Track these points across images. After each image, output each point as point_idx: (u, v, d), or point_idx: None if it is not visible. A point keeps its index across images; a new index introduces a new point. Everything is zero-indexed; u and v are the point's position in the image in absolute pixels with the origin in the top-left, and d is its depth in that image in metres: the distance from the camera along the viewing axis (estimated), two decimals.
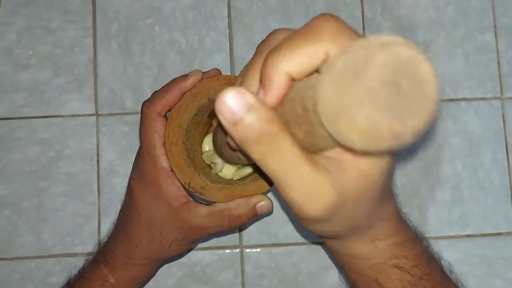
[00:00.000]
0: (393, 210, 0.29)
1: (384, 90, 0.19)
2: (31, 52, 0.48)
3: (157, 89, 0.37)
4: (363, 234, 0.28)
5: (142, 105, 0.37)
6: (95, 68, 0.48)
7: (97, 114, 0.48)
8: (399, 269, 0.29)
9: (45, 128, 0.47)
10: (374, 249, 0.29)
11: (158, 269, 0.43)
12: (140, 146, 0.37)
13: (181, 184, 0.36)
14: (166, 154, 0.36)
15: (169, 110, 0.36)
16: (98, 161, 0.47)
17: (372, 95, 0.19)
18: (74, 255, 0.46)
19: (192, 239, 0.39)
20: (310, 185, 0.22)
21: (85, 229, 0.46)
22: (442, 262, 0.34)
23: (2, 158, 0.47)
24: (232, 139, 0.22)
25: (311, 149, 0.23)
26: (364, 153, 0.23)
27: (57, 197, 0.47)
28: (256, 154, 0.22)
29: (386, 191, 0.26)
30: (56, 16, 0.48)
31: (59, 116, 0.48)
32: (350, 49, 0.19)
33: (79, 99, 0.48)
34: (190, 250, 0.45)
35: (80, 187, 0.47)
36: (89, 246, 0.45)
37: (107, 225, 0.45)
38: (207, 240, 0.46)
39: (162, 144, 0.36)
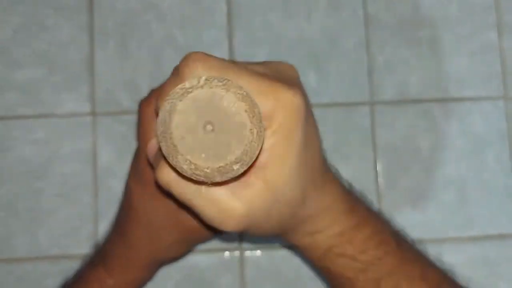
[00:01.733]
0: (330, 201, 0.31)
1: (192, 134, 0.22)
2: (26, 50, 0.48)
3: (154, 87, 0.37)
4: (297, 230, 0.30)
5: (139, 103, 0.37)
6: (91, 66, 0.48)
7: (93, 113, 0.47)
8: (345, 257, 0.31)
9: (41, 127, 0.47)
10: (317, 240, 0.31)
11: (157, 271, 0.43)
12: (137, 145, 0.37)
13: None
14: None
15: None
16: (94, 161, 0.47)
17: (182, 142, 0.22)
18: (71, 257, 0.46)
19: (191, 241, 0.39)
20: (217, 206, 0.26)
21: (81, 231, 0.46)
22: (410, 242, 0.35)
23: None
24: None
25: None
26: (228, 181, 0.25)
27: (53, 198, 0.46)
28: (164, 188, 0.27)
29: (307, 190, 0.28)
30: (51, 13, 0.48)
31: (54, 115, 0.47)
32: (162, 104, 0.22)
33: (75, 98, 0.47)
34: (188, 252, 0.45)
35: (77, 188, 0.47)
36: (86, 247, 0.45)
37: (104, 226, 0.45)
38: (206, 242, 0.46)
39: (159, 144, 0.36)
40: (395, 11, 0.49)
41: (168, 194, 0.30)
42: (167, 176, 0.26)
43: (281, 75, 0.27)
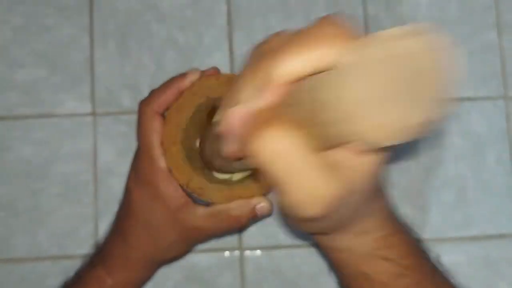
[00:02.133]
0: (383, 204, 0.29)
1: (402, 84, 0.19)
2: (27, 51, 0.48)
3: (155, 88, 0.37)
4: (352, 227, 0.29)
5: (140, 103, 0.37)
6: (92, 66, 0.48)
7: (94, 113, 0.47)
8: (387, 261, 0.30)
9: (41, 127, 0.47)
10: (363, 241, 0.29)
11: (156, 271, 0.43)
12: (138, 145, 0.37)
13: (179, 184, 0.36)
14: (164, 153, 0.35)
15: (167, 109, 0.36)
16: (95, 161, 0.47)
17: (393, 90, 0.19)
18: (71, 257, 0.46)
19: (190, 241, 0.39)
20: (312, 186, 0.22)
21: (81, 231, 0.46)
22: (433, 258, 0.34)
23: None
24: (232, 150, 0.23)
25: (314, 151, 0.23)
26: (367, 151, 0.22)
27: (53, 198, 0.46)
28: (261, 160, 0.22)
29: (376, 187, 0.27)
30: (52, 13, 0.48)
31: (55, 115, 0.47)
32: (364, 46, 0.19)
33: (75, 98, 0.47)
34: (188, 252, 0.45)
35: (77, 188, 0.47)
36: (86, 247, 0.45)
37: (104, 226, 0.45)
38: (206, 242, 0.46)
39: (160, 144, 0.36)
40: (395, 11, 0.49)
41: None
42: (275, 145, 0.21)
43: None
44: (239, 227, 0.38)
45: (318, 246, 0.45)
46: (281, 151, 0.21)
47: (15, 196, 0.46)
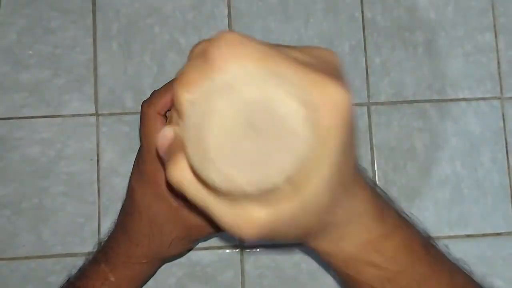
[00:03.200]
0: (360, 209, 0.27)
1: (231, 145, 0.17)
2: (31, 52, 0.48)
3: (156, 89, 0.37)
4: (323, 237, 0.27)
5: (142, 104, 0.37)
6: (95, 68, 0.48)
7: (97, 114, 0.48)
8: (374, 266, 0.29)
9: (46, 128, 0.47)
10: (344, 248, 0.28)
11: (158, 268, 0.43)
12: (140, 145, 0.37)
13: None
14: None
15: (169, 110, 0.36)
16: (98, 161, 0.47)
17: (219, 150, 0.17)
18: (74, 255, 0.46)
19: (192, 238, 0.39)
20: (236, 213, 0.22)
21: (85, 229, 0.46)
22: (439, 250, 0.32)
23: (2, 158, 0.47)
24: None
25: None
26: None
27: (57, 197, 0.47)
28: (176, 188, 0.22)
29: (339, 197, 0.25)
30: (56, 16, 0.48)
31: (59, 116, 0.48)
32: (194, 98, 0.17)
33: (79, 99, 0.48)
34: (190, 249, 0.45)
35: (80, 187, 0.47)
36: (89, 246, 0.45)
37: (107, 224, 0.45)
38: (208, 239, 0.46)
39: None
40: (392, 14, 0.50)
41: (176, 193, 0.25)
42: (181, 174, 0.21)
43: (324, 64, 0.22)
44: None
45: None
46: (186, 181, 0.21)
47: (20, 194, 0.46)
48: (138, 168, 0.38)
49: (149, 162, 0.36)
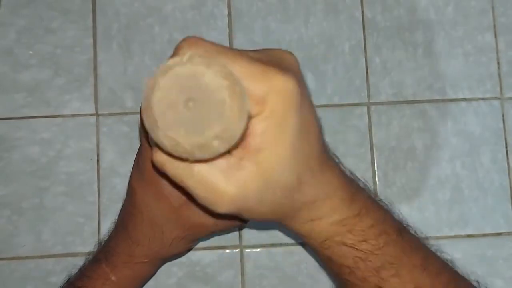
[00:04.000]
0: (330, 189, 0.30)
1: (172, 110, 0.21)
2: (31, 52, 0.48)
3: None
4: (296, 217, 0.30)
5: (142, 104, 0.37)
6: (95, 68, 0.48)
7: (97, 114, 0.48)
8: (346, 246, 0.30)
9: (45, 128, 0.47)
10: (312, 229, 0.30)
11: (159, 267, 0.43)
12: (140, 145, 0.37)
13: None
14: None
15: None
16: (98, 161, 0.47)
17: (162, 118, 0.21)
18: (75, 254, 0.46)
19: (193, 237, 0.39)
20: (207, 187, 0.25)
21: (85, 229, 0.46)
22: (413, 234, 0.34)
23: (2, 158, 0.47)
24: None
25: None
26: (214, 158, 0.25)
27: (57, 197, 0.47)
28: (160, 169, 0.26)
29: (304, 176, 0.28)
30: (56, 16, 0.48)
31: (59, 116, 0.47)
32: (146, 80, 0.22)
33: (79, 99, 0.48)
34: (191, 248, 0.45)
35: (80, 187, 0.47)
36: (90, 245, 0.45)
37: (108, 224, 0.45)
38: (208, 238, 0.46)
39: None
40: (392, 14, 0.50)
41: (164, 176, 0.30)
42: (160, 156, 0.25)
43: (277, 61, 0.26)
44: (241, 223, 0.39)
45: None
46: (166, 161, 0.25)
47: (20, 195, 0.46)
48: (138, 167, 0.38)
49: (149, 161, 0.36)
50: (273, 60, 0.26)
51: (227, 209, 0.26)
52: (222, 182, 0.25)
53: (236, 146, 0.24)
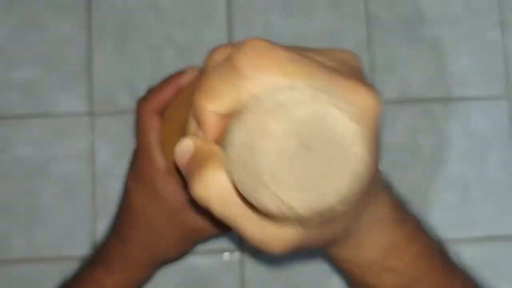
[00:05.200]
0: (382, 214, 0.28)
1: (286, 168, 0.16)
2: (24, 50, 0.48)
3: (152, 86, 0.37)
4: (347, 241, 0.27)
5: (137, 102, 0.37)
6: (89, 65, 0.48)
7: (91, 113, 0.47)
8: (391, 272, 0.29)
9: (38, 127, 0.47)
10: (365, 253, 0.28)
11: (156, 271, 0.42)
12: (136, 145, 0.37)
13: (179, 184, 0.35)
14: (163, 153, 0.35)
15: (165, 108, 0.36)
16: (92, 161, 0.47)
17: (274, 175, 0.17)
18: (68, 258, 0.46)
19: (190, 240, 0.39)
20: (265, 230, 0.21)
21: (79, 231, 0.46)
22: (453, 257, 0.33)
23: None
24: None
25: None
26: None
27: (50, 199, 0.46)
28: (202, 203, 0.21)
29: (364, 203, 0.25)
30: (49, 12, 0.48)
31: (52, 115, 0.47)
32: (243, 119, 0.17)
33: (73, 98, 0.47)
34: (188, 252, 0.45)
35: (75, 188, 0.47)
36: (83, 248, 0.45)
37: (102, 227, 0.45)
38: (206, 241, 0.46)
39: (158, 143, 0.36)
40: (396, 9, 0.49)
41: (198, 206, 0.26)
42: (208, 190, 0.20)
43: (349, 69, 0.22)
44: None
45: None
46: (220, 193, 0.20)
47: (12, 196, 0.46)
48: (133, 168, 0.38)
49: (145, 161, 0.36)
50: (346, 68, 0.22)
51: (284, 249, 0.22)
52: (281, 227, 0.21)
53: None
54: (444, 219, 0.47)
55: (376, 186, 0.26)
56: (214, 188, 0.20)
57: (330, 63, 0.21)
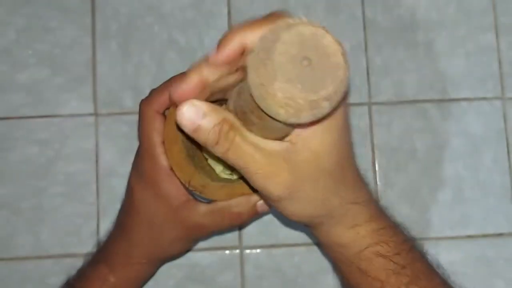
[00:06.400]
0: (367, 196, 0.31)
1: (292, 64, 0.22)
2: (29, 52, 0.48)
3: (155, 88, 0.37)
4: (341, 219, 0.30)
5: (140, 103, 0.37)
6: (94, 67, 0.48)
7: (96, 114, 0.48)
8: (382, 257, 0.31)
9: (44, 128, 0.47)
10: (356, 235, 0.31)
11: (158, 268, 0.43)
12: (139, 145, 0.37)
13: (181, 182, 0.36)
14: (165, 152, 0.35)
15: (168, 108, 0.36)
16: (97, 161, 0.47)
17: (282, 70, 0.22)
18: (73, 255, 0.46)
19: (192, 238, 0.39)
20: (267, 169, 0.26)
21: (84, 230, 0.46)
22: (428, 255, 0.34)
23: (0, 158, 0.47)
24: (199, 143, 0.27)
25: (268, 134, 0.27)
26: (305, 125, 0.26)
27: (55, 197, 0.47)
28: (218, 152, 0.27)
29: (347, 171, 0.29)
30: (55, 15, 0.48)
31: (58, 115, 0.47)
32: (264, 33, 0.23)
33: (78, 99, 0.48)
34: (190, 249, 0.45)
35: (79, 187, 0.47)
36: (88, 246, 0.45)
37: (106, 225, 0.45)
38: (207, 238, 0.46)
39: (161, 143, 0.36)
40: (393, 13, 0.50)
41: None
42: (226, 145, 0.26)
43: None
44: (240, 224, 0.39)
45: (318, 245, 0.46)
46: (232, 144, 0.26)
47: (18, 195, 0.46)
48: (136, 167, 0.38)
49: (148, 161, 0.36)
50: None
51: (281, 191, 0.27)
52: (280, 166, 0.26)
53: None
54: (438, 217, 0.47)
55: (357, 170, 0.30)
56: (235, 132, 0.26)
57: None
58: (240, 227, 0.47)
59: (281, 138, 0.27)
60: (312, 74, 0.22)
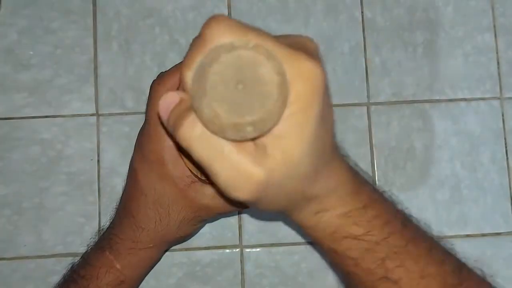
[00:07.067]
0: (337, 182, 0.30)
1: (224, 85, 0.23)
2: (31, 52, 0.48)
3: (164, 70, 0.36)
4: (304, 209, 0.30)
5: (152, 83, 0.36)
6: (95, 68, 0.48)
7: (97, 114, 0.48)
8: (352, 238, 0.30)
9: (46, 128, 0.47)
10: (320, 221, 0.30)
11: (165, 252, 0.42)
12: (144, 126, 0.37)
13: (187, 167, 0.35)
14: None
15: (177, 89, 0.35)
16: (98, 161, 0.47)
17: (213, 89, 0.23)
18: (75, 254, 0.45)
19: (200, 219, 0.38)
20: (236, 170, 0.25)
21: (86, 229, 0.46)
22: (413, 221, 0.34)
23: (3, 158, 0.47)
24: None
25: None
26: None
27: (58, 197, 0.47)
28: (184, 144, 0.25)
29: (319, 166, 0.28)
30: (57, 16, 0.49)
31: (60, 116, 0.48)
32: (211, 49, 0.24)
33: (79, 99, 0.48)
34: (197, 231, 0.44)
35: (81, 187, 0.47)
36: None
37: (108, 224, 0.44)
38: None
39: None
40: (391, 14, 0.50)
41: (184, 154, 0.31)
42: (189, 132, 0.25)
43: (301, 46, 0.26)
44: (247, 205, 0.38)
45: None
46: (199, 137, 0.25)
47: (21, 194, 0.47)
48: (140, 149, 0.37)
49: (155, 140, 0.35)
50: (298, 45, 0.26)
51: (249, 194, 0.25)
52: (251, 166, 0.25)
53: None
54: (436, 216, 0.47)
55: (332, 155, 0.29)
56: (193, 130, 0.25)
57: (285, 41, 0.26)
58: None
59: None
60: (242, 98, 0.23)
